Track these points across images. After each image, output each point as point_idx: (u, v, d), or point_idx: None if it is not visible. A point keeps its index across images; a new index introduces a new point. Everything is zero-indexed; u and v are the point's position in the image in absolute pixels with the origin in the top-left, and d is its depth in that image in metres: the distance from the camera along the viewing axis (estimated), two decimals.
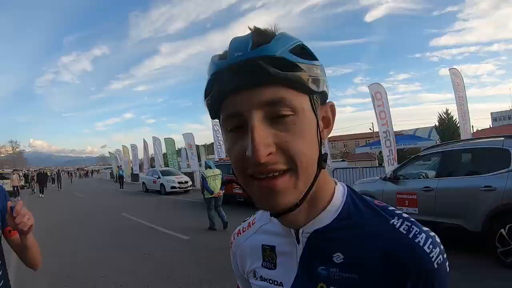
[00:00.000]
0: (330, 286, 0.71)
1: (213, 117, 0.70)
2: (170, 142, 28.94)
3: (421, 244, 0.67)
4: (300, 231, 0.75)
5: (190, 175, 24.44)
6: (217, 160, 18.51)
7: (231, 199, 14.27)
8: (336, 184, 0.79)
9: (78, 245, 8.72)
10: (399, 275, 0.66)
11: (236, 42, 0.64)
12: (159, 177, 22.76)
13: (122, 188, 29.88)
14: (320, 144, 0.67)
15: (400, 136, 21.69)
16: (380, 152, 15.41)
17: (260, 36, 0.63)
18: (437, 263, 0.66)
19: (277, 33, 0.64)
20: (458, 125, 15.13)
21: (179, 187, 21.54)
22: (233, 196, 14.05)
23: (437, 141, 17.91)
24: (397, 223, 0.70)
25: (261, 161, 0.59)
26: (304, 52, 0.65)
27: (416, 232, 0.68)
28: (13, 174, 26.50)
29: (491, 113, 29.66)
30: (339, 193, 0.77)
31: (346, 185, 0.81)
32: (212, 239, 8.22)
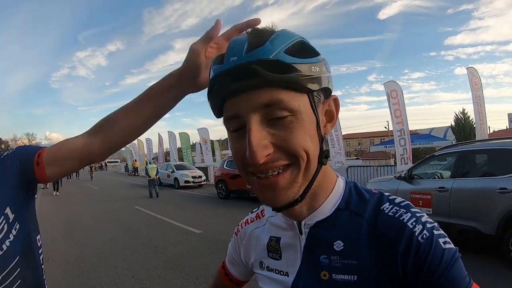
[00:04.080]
0: (332, 273, 0.73)
1: (217, 117, 0.72)
2: (185, 136, 29.08)
3: (404, 221, 0.69)
4: (302, 223, 0.78)
5: (204, 169, 24.56)
6: (231, 155, 18.51)
7: (244, 194, 14.48)
8: (338, 177, 0.81)
9: (92, 236, 8.88)
10: (391, 255, 0.68)
11: (232, 46, 0.65)
12: (173, 171, 22.94)
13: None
14: (321, 141, 0.68)
15: (415, 135, 21.45)
16: None
17: (256, 38, 0.63)
18: (421, 237, 0.66)
19: (275, 32, 0.64)
20: (474, 126, 14.88)
21: (193, 182, 21.67)
22: (246, 191, 14.16)
23: (453, 141, 17.66)
24: (387, 208, 0.73)
25: (260, 163, 0.61)
26: (302, 50, 0.64)
27: (403, 213, 0.71)
28: None
29: (508, 114, 29.09)
30: (339, 185, 0.79)
31: (346, 179, 0.84)
32: (224, 233, 8.27)
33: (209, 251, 7.01)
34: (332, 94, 0.73)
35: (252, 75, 0.59)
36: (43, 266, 1.32)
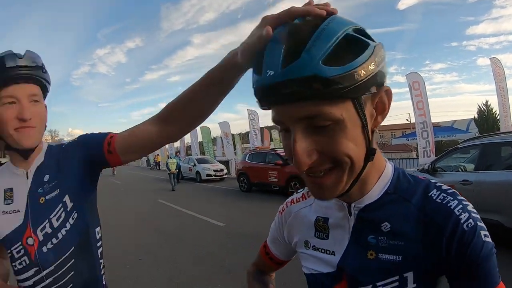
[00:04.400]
0: (379, 253, 0.78)
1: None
2: (206, 130, 29.19)
3: (452, 207, 0.73)
4: (352, 205, 0.82)
5: (226, 163, 24.69)
6: (253, 148, 18.55)
7: (266, 187, 14.45)
8: (386, 162, 0.84)
9: (117, 229, 8.92)
10: (436, 238, 0.72)
11: (270, 53, 0.64)
12: (194, 165, 23.23)
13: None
14: (368, 140, 0.69)
15: (437, 127, 21.06)
16: None
17: (293, 43, 0.61)
18: (467, 225, 0.70)
19: (317, 28, 0.61)
20: (498, 118, 14.61)
21: (214, 175, 21.87)
22: (268, 184, 14.18)
23: (476, 134, 17.32)
24: (435, 194, 0.77)
25: (304, 170, 0.66)
26: (347, 50, 0.60)
27: (450, 199, 0.75)
28: None
29: None
30: (388, 171, 0.83)
31: (394, 165, 0.87)
32: (247, 226, 8.28)
33: (233, 244, 7.02)
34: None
35: (289, 92, 0.60)
36: (101, 261, 1.35)
